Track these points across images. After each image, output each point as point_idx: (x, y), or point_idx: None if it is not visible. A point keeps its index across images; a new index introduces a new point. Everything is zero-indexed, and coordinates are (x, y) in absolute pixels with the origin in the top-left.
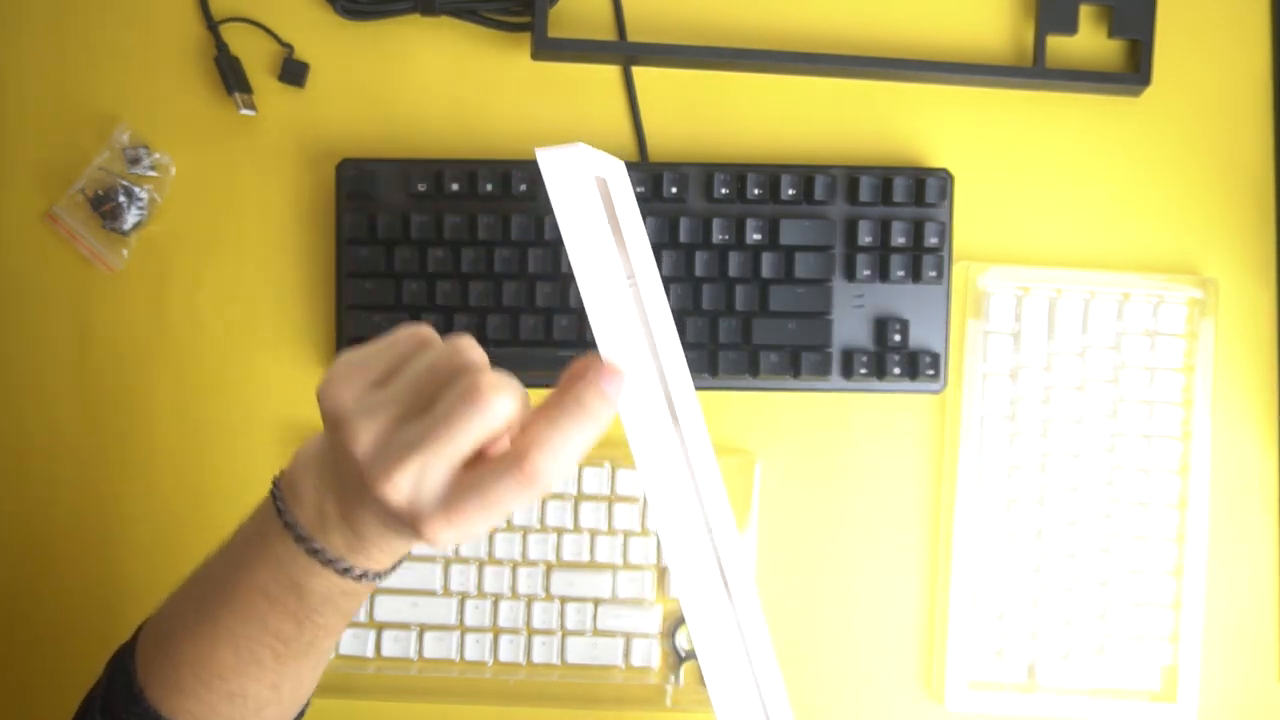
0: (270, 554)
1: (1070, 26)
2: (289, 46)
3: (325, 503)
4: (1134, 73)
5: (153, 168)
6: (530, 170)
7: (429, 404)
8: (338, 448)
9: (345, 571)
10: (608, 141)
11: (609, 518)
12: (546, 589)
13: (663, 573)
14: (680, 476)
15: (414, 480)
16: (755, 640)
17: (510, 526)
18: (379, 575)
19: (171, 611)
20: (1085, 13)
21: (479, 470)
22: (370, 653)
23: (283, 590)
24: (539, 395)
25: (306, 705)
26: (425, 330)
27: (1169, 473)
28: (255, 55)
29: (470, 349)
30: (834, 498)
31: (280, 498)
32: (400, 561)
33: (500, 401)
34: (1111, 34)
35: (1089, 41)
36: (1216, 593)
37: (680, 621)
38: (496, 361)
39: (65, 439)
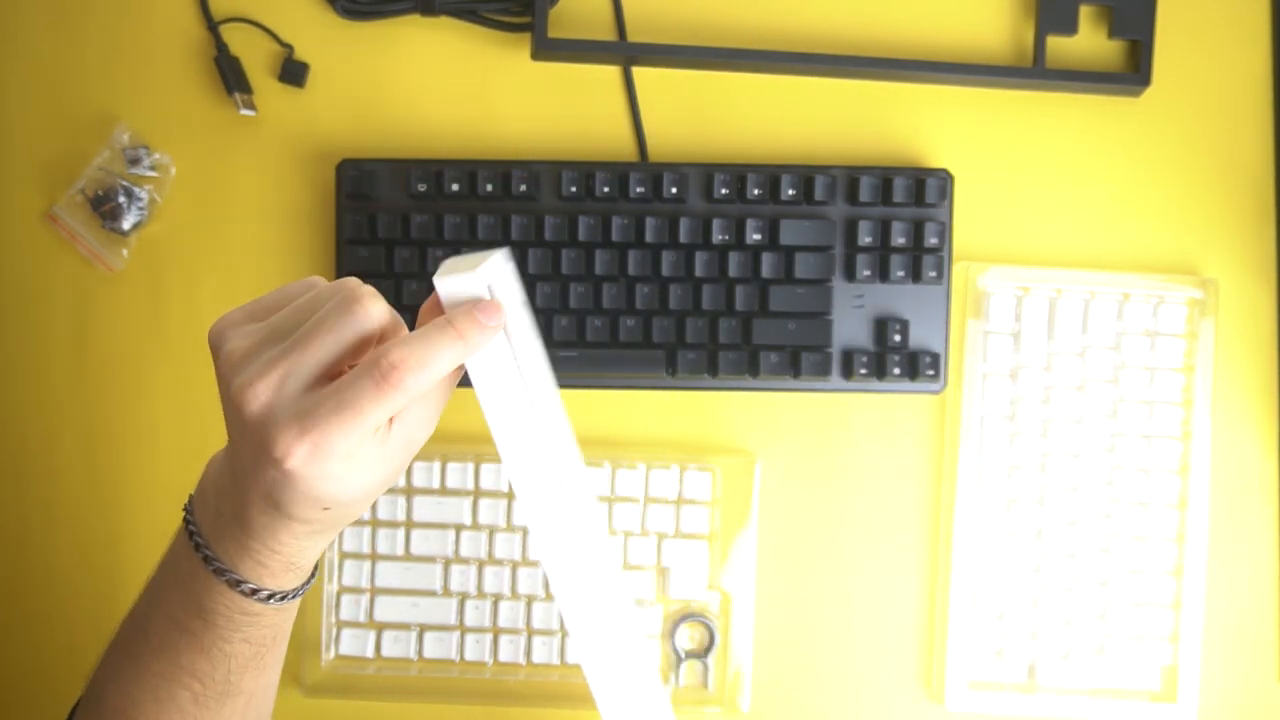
0: (180, 574)
1: (1070, 27)
2: (289, 46)
3: (222, 503)
4: (1134, 73)
5: (153, 168)
6: (530, 170)
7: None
8: (219, 384)
9: (237, 585)
10: (608, 141)
11: (609, 518)
12: (546, 589)
13: (663, 573)
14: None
15: (274, 388)
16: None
17: (510, 526)
18: (274, 596)
19: (103, 662)
20: (1085, 13)
21: (338, 380)
22: (370, 653)
23: (189, 614)
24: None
25: None
26: (317, 278)
27: (1169, 473)
28: (255, 55)
29: (357, 283)
30: (834, 498)
31: (190, 509)
32: (303, 586)
33: (375, 307)
34: (1111, 34)
35: (1089, 41)
36: (1216, 593)
37: (680, 621)
38: None
39: (65, 438)
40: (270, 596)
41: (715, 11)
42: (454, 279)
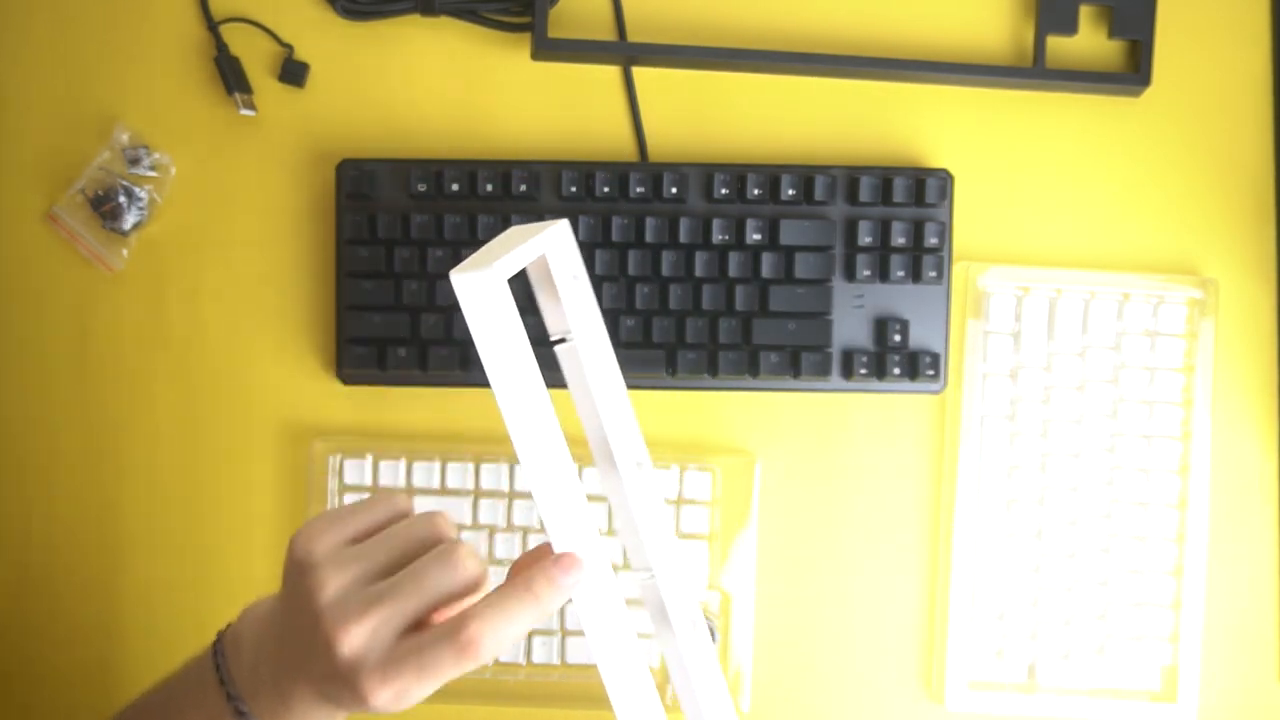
0: (202, 705)
1: (1070, 27)
2: (289, 46)
3: (260, 665)
4: (1134, 73)
5: (153, 168)
6: (530, 170)
7: (398, 568)
8: (298, 597)
9: None
10: (608, 141)
11: (609, 518)
12: None
13: None
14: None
15: (369, 634)
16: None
17: (510, 526)
18: None
19: None
20: (1085, 13)
21: (419, 635)
22: None
23: None
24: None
25: None
26: (403, 500)
27: (1169, 473)
28: (255, 55)
29: (445, 523)
30: (834, 498)
31: (221, 651)
32: None
33: (471, 565)
34: (1111, 34)
35: (1089, 42)
36: (1216, 593)
37: None
38: None
39: (65, 438)
40: None
41: (715, 11)
42: (469, 276)
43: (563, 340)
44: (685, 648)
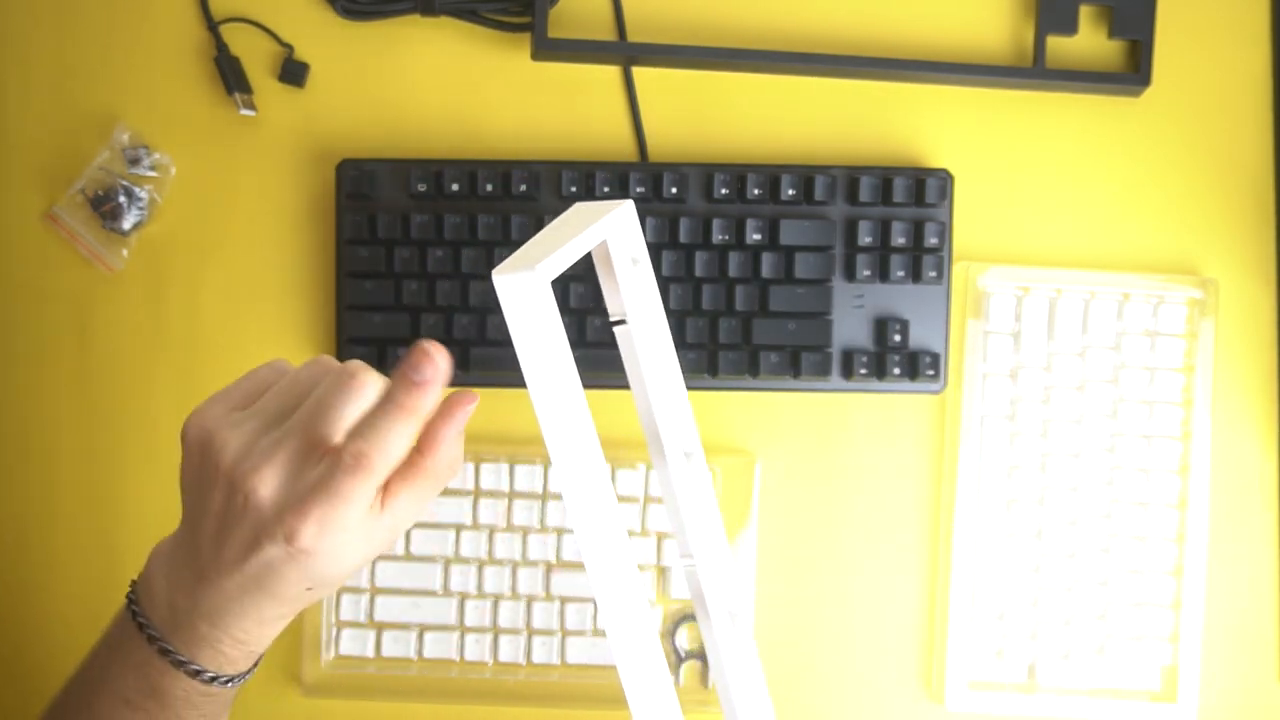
0: (129, 660)
1: (1070, 27)
2: (289, 47)
3: (177, 595)
4: (1134, 73)
5: (153, 168)
6: (530, 170)
7: (294, 411)
8: (203, 474)
9: (196, 674)
10: (608, 141)
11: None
12: (546, 589)
13: (663, 572)
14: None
15: (281, 473)
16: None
17: (510, 526)
18: (232, 679)
19: None
20: (1085, 13)
21: (319, 465)
22: (370, 653)
23: (143, 696)
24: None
25: None
26: (283, 361)
27: (1169, 473)
28: (255, 55)
29: (331, 360)
30: (834, 498)
31: (135, 600)
32: (255, 664)
33: (363, 375)
34: (1111, 34)
35: (1089, 42)
36: (1216, 593)
37: (680, 621)
38: (498, 361)
39: (65, 438)
40: (229, 680)
41: (715, 11)
42: (512, 278)
43: (621, 322)
44: (721, 637)
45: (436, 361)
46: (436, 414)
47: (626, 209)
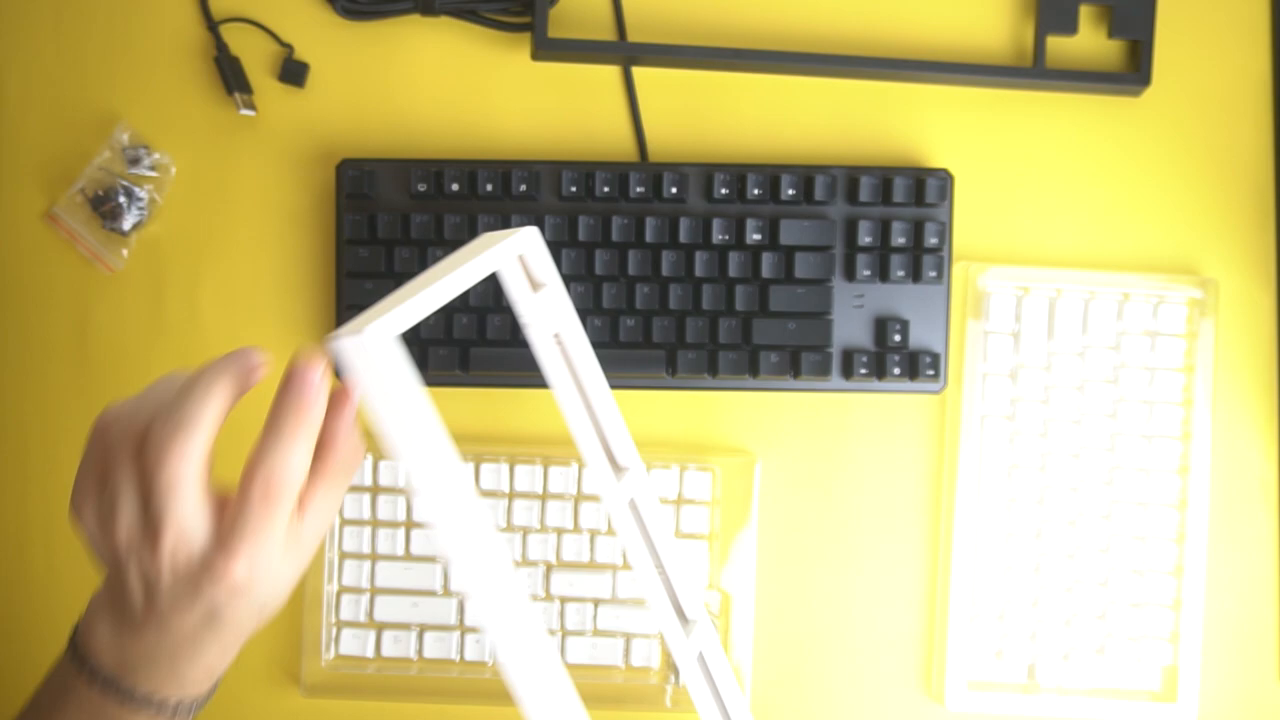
0: (82, 709)
1: (1070, 27)
2: (289, 46)
3: (125, 642)
4: (1134, 73)
5: (153, 168)
6: (530, 170)
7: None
8: (103, 549)
9: (160, 706)
10: (608, 141)
11: (609, 518)
12: (546, 589)
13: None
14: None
15: (177, 534)
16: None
17: (510, 526)
18: (195, 703)
19: None
20: (1085, 13)
21: (231, 510)
22: (370, 653)
23: None
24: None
25: None
26: (102, 420)
27: (1169, 473)
28: (255, 55)
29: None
30: (834, 498)
31: (80, 651)
32: (214, 686)
33: (173, 385)
34: (1111, 34)
35: (1089, 42)
36: (1216, 593)
37: None
38: (498, 361)
39: (65, 438)
40: (191, 707)
41: (715, 11)
42: (342, 344)
43: (554, 337)
44: (677, 642)
45: (311, 379)
46: (326, 413)
47: (522, 237)
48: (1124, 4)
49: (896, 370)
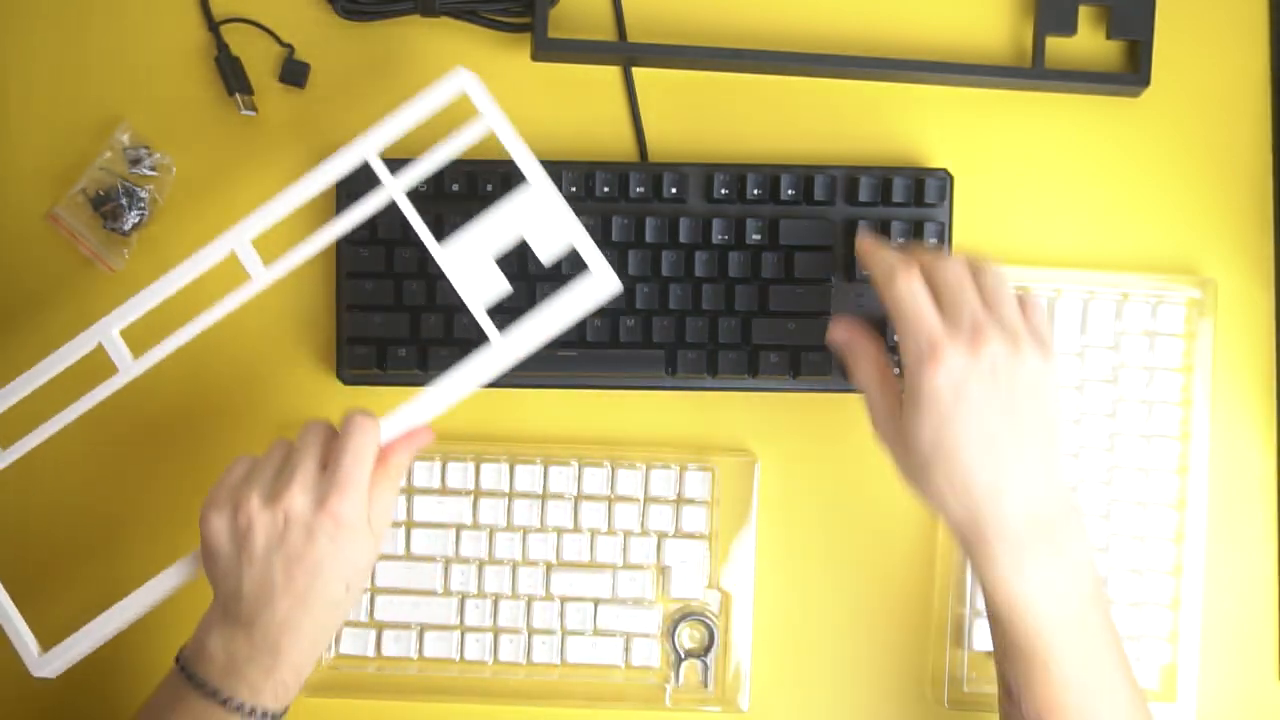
0: (186, 713)
1: (1069, 27)
2: (289, 47)
3: (233, 646)
4: (1133, 73)
5: (153, 168)
6: None
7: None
8: (234, 523)
9: (250, 713)
10: (608, 141)
11: (609, 518)
12: (547, 589)
13: (663, 572)
14: None
15: (305, 488)
16: None
17: (510, 526)
18: (277, 716)
19: None
20: (1084, 13)
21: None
22: (370, 652)
23: None
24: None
25: None
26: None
27: (1167, 473)
28: (256, 55)
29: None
30: (834, 498)
31: (188, 668)
32: (292, 699)
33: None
34: (1110, 35)
35: (1088, 42)
36: (1215, 592)
37: (680, 621)
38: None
39: (65, 439)
40: (274, 717)
41: (715, 11)
42: None
43: None
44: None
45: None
46: (398, 440)
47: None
48: (1123, 4)
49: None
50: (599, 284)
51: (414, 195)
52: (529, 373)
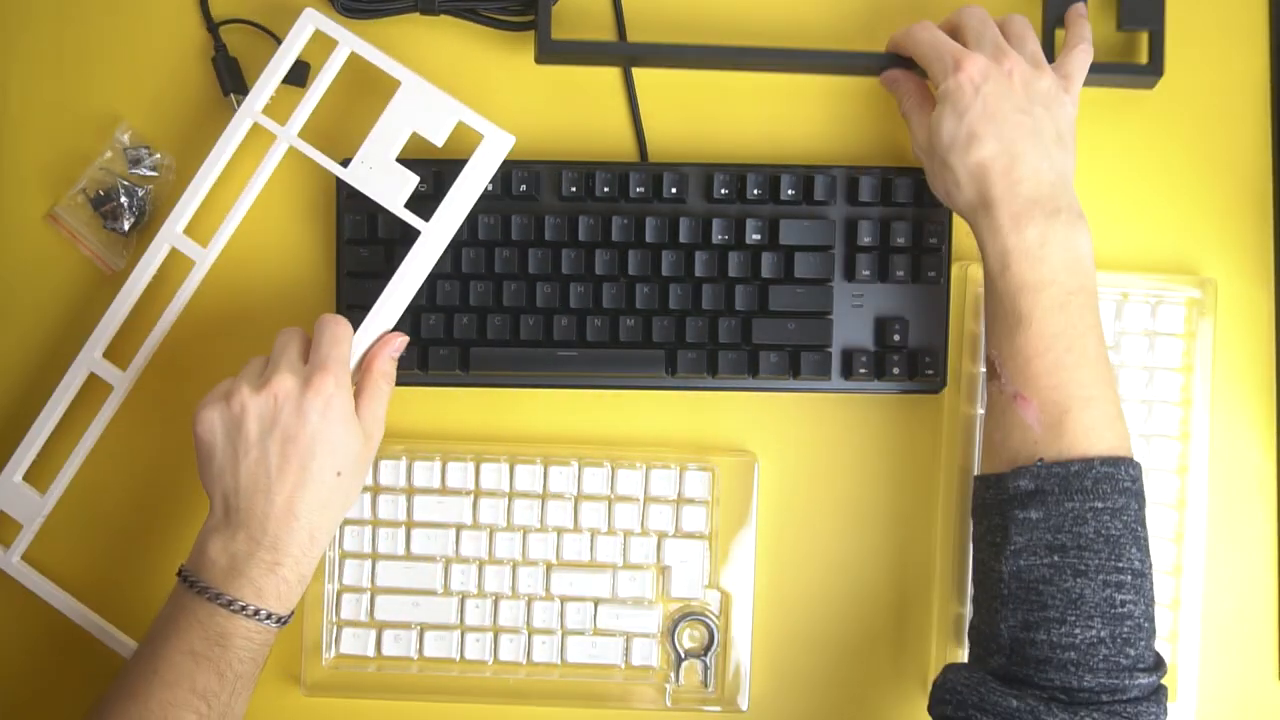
0: (193, 620)
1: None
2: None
3: (234, 546)
4: (1146, 65)
5: (153, 168)
6: (530, 170)
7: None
8: (226, 418)
9: (255, 614)
10: (608, 141)
11: (609, 518)
12: (547, 589)
13: (663, 572)
14: None
15: (291, 371)
16: None
17: (510, 526)
18: (283, 619)
19: (98, 711)
20: (1094, 4)
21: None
22: (371, 652)
23: (208, 644)
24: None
25: None
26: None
27: (1167, 472)
28: (256, 55)
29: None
30: (833, 498)
31: (190, 577)
32: (291, 613)
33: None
34: (1121, 25)
35: (1097, 33)
36: (1215, 592)
37: (680, 620)
38: (498, 361)
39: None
40: (280, 620)
41: (715, 11)
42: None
43: None
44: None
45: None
46: (374, 345)
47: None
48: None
49: (896, 370)
50: (495, 144)
51: (414, 195)
52: (529, 373)
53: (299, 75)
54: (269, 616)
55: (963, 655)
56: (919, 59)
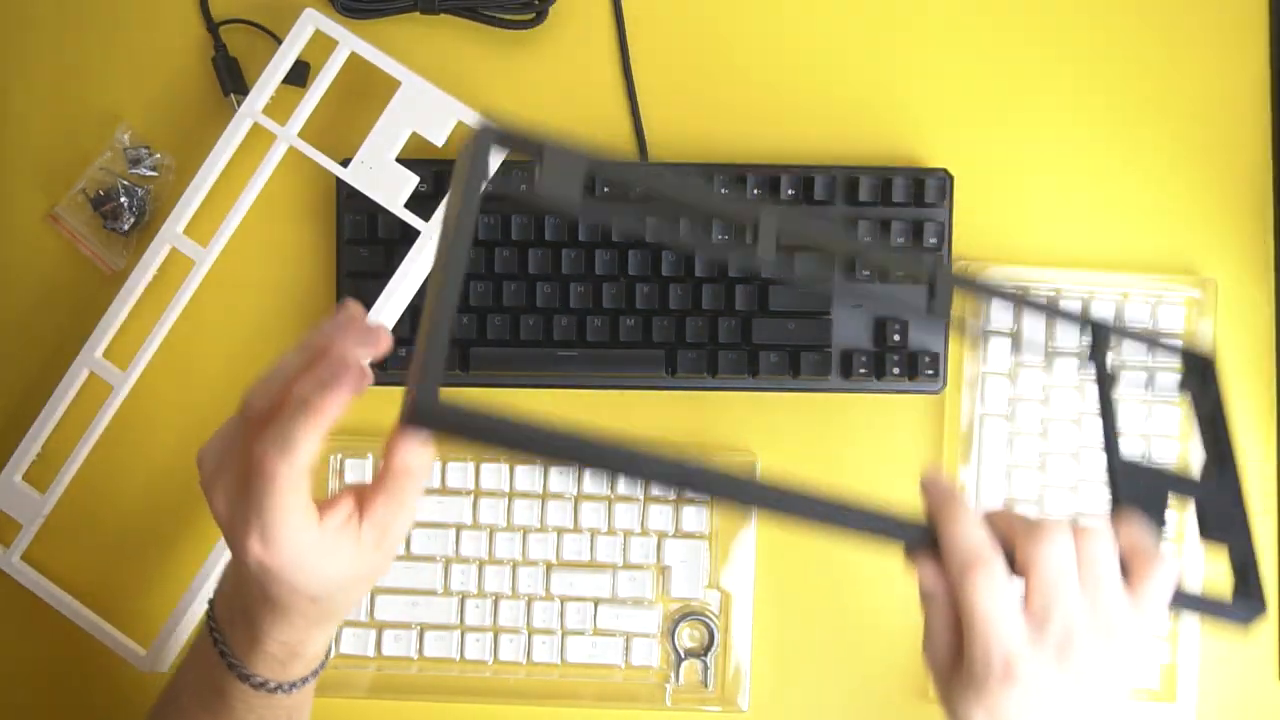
0: (204, 658)
1: None
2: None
3: (233, 600)
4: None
5: (153, 168)
6: (530, 170)
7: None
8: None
9: (248, 678)
10: (608, 141)
11: (609, 518)
12: (547, 589)
13: (663, 572)
14: None
15: (229, 485)
16: None
17: (510, 526)
18: (281, 686)
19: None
20: None
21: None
22: (371, 652)
23: (211, 695)
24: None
25: None
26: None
27: None
28: (256, 56)
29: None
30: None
31: (212, 608)
32: (313, 673)
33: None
34: None
35: None
36: (1215, 592)
37: (680, 620)
38: (498, 361)
39: (65, 438)
40: (277, 687)
41: (715, 11)
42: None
43: None
44: None
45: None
46: (393, 435)
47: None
48: None
49: (896, 370)
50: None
51: (413, 195)
52: (529, 373)
53: (299, 75)
54: (261, 684)
55: None
56: (964, 616)
